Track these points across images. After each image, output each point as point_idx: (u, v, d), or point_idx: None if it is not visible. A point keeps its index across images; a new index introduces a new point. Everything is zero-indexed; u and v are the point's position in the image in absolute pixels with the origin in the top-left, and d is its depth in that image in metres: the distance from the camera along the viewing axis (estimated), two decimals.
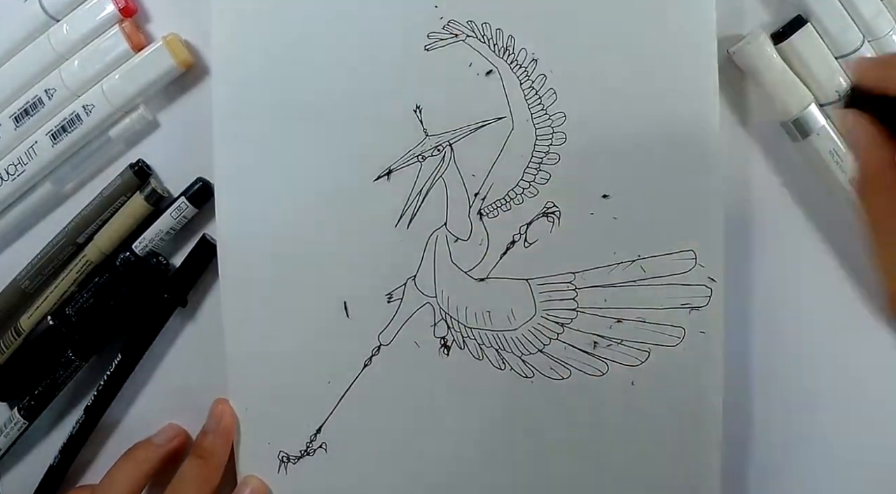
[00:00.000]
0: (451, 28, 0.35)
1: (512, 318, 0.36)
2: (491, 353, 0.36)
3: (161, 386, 0.40)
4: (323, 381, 0.37)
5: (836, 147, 0.35)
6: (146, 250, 0.38)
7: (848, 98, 0.33)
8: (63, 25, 0.37)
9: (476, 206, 0.36)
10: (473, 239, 0.36)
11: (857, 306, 0.38)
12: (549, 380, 0.36)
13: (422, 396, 0.37)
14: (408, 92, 0.35)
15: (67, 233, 0.39)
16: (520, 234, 0.35)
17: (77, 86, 0.37)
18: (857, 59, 0.32)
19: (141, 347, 0.39)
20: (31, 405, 0.40)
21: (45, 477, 0.40)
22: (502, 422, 0.36)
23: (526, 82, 0.35)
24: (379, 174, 0.36)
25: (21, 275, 0.40)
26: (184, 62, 0.37)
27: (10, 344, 0.40)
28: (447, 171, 0.36)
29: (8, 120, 0.38)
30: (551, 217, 0.35)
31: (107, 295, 0.39)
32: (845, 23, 0.34)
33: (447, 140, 0.35)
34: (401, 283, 0.36)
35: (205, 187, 0.38)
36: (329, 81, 0.36)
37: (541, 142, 0.35)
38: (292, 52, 0.36)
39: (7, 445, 0.40)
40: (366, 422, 0.37)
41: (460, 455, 0.37)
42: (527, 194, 0.35)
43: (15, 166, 0.38)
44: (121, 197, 0.39)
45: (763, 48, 0.34)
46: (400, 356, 0.36)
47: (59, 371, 0.39)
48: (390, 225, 0.36)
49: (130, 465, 0.37)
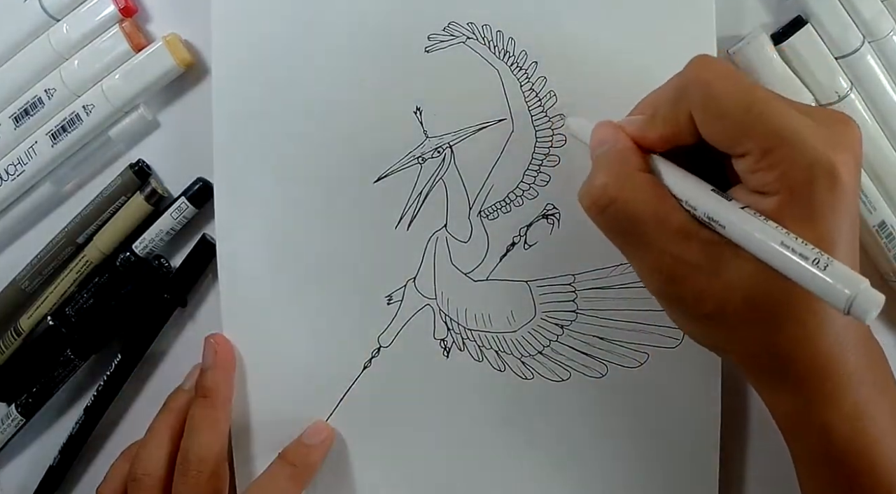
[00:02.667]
0: (451, 30, 0.35)
1: (512, 320, 0.36)
2: (490, 355, 0.36)
3: (161, 386, 0.40)
4: (322, 383, 0.37)
5: None
6: (146, 250, 0.38)
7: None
8: (63, 25, 0.37)
9: (476, 208, 0.36)
10: (473, 240, 0.36)
11: None
12: (548, 382, 0.36)
13: (421, 398, 0.37)
14: (408, 93, 0.35)
15: (67, 233, 0.39)
16: (520, 236, 0.35)
17: (77, 86, 0.37)
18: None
19: (141, 347, 0.39)
20: (29, 402, 0.40)
21: (45, 477, 0.40)
22: (502, 424, 0.36)
23: (526, 84, 0.35)
24: (379, 175, 0.36)
25: (21, 275, 0.40)
26: (184, 62, 0.37)
27: (9, 344, 0.40)
28: (447, 173, 0.36)
29: (8, 120, 0.38)
30: (551, 219, 0.35)
31: (107, 295, 0.39)
32: (845, 23, 0.34)
33: (447, 141, 0.35)
34: (401, 285, 0.36)
35: (205, 187, 0.38)
36: (329, 82, 0.36)
37: (541, 144, 0.35)
38: (292, 52, 0.36)
39: (3, 442, 0.41)
40: (365, 423, 0.37)
41: (460, 456, 0.37)
42: (527, 196, 0.35)
43: (15, 166, 0.38)
44: (121, 197, 0.39)
45: (763, 48, 0.34)
46: (400, 358, 0.37)
47: (58, 369, 0.39)
48: (390, 226, 0.36)
49: (167, 415, 0.37)
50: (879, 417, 0.27)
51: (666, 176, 0.27)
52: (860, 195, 0.26)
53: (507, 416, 0.36)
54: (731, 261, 0.25)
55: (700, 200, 0.26)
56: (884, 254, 0.36)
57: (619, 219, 0.27)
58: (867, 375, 0.27)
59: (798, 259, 0.23)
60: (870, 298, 0.21)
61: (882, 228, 0.35)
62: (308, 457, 0.36)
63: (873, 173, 0.35)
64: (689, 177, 0.27)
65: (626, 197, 0.27)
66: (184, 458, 0.35)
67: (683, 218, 0.26)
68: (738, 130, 0.25)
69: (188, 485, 0.35)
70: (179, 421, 0.37)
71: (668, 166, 0.28)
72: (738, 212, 0.25)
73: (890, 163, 0.35)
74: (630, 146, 0.28)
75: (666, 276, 0.27)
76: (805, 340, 0.26)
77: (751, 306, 0.25)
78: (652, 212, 0.26)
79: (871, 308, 0.21)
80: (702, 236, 0.26)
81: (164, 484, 0.36)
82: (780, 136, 0.24)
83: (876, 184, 0.35)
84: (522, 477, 0.37)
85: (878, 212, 0.35)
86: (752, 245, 0.24)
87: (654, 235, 0.26)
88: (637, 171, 0.27)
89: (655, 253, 0.27)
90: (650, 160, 0.28)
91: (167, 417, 0.37)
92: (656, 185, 0.27)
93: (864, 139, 0.34)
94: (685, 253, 0.26)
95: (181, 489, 0.35)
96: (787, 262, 0.23)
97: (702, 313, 0.27)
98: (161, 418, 0.37)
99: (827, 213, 0.24)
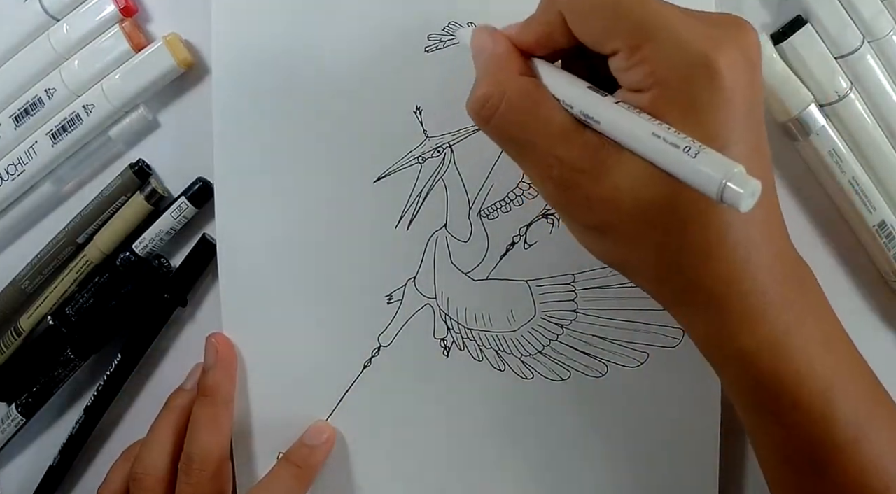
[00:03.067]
0: (451, 30, 0.35)
1: (512, 319, 0.36)
2: (490, 354, 0.36)
3: (161, 385, 0.40)
4: (323, 382, 0.37)
5: (835, 147, 0.35)
6: (146, 250, 0.38)
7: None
8: (63, 25, 0.37)
9: (476, 208, 0.36)
10: (473, 240, 0.36)
11: (856, 305, 0.38)
12: (548, 381, 0.36)
13: (421, 397, 0.37)
14: (408, 93, 0.35)
15: (67, 233, 0.39)
16: (520, 236, 0.35)
17: (77, 86, 0.37)
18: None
19: (141, 347, 0.39)
20: (29, 402, 0.40)
21: (45, 477, 0.40)
22: (502, 423, 0.36)
23: None
24: (379, 175, 0.36)
25: (21, 275, 0.40)
26: (184, 62, 0.37)
27: (10, 343, 0.40)
28: (447, 173, 0.36)
29: (8, 120, 0.38)
30: (551, 218, 0.35)
31: (107, 295, 0.39)
32: (845, 23, 0.34)
33: (447, 141, 0.35)
34: (401, 284, 0.36)
35: (205, 187, 0.38)
36: (329, 82, 0.36)
37: None
38: (292, 52, 0.36)
39: (3, 442, 0.41)
40: (365, 423, 0.37)
41: (460, 455, 0.37)
42: (527, 195, 0.35)
43: (15, 166, 0.38)
44: (121, 197, 0.39)
45: (763, 48, 0.34)
46: (400, 357, 0.37)
47: (58, 369, 0.39)
48: (390, 226, 0.36)
49: (168, 414, 0.37)
50: (807, 345, 0.25)
51: (545, 76, 0.26)
52: (754, 97, 0.24)
53: (507, 415, 0.36)
54: (616, 164, 0.24)
55: (575, 98, 0.25)
56: (884, 254, 0.36)
57: (505, 127, 0.26)
58: (793, 298, 0.25)
59: (670, 148, 0.22)
60: (743, 182, 0.20)
61: (882, 228, 0.35)
62: (311, 458, 0.36)
63: (873, 173, 0.35)
64: (566, 76, 0.26)
65: (507, 104, 0.25)
66: (187, 458, 0.35)
67: (564, 118, 0.25)
68: (606, 28, 0.24)
69: (192, 484, 0.35)
70: (181, 421, 0.37)
71: (547, 67, 0.27)
72: (611, 106, 0.24)
73: (890, 162, 0.35)
74: (508, 49, 0.27)
75: (554, 183, 0.25)
76: (707, 251, 0.24)
77: (641, 210, 0.24)
78: (532, 115, 0.25)
79: (746, 193, 0.20)
80: (585, 138, 0.25)
81: (166, 484, 0.36)
82: (646, 32, 0.23)
83: (876, 183, 0.35)
84: (522, 477, 0.37)
85: (878, 212, 0.35)
86: (626, 138, 0.23)
87: (539, 139, 0.25)
88: (516, 75, 0.26)
89: (542, 158, 0.25)
90: (530, 64, 0.27)
91: (169, 417, 0.37)
92: (537, 88, 0.26)
93: (865, 138, 0.35)
94: (567, 155, 0.25)
95: (184, 488, 0.35)
96: (659, 153, 0.22)
97: (593, 222, 0.26)
98: (162, 418, 0.37)
99: (708, 110, 0.23)
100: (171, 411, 0.37)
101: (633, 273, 0.27)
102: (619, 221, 0.25)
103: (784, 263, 0.26)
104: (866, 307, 0.38)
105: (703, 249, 0.24)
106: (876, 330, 0.38)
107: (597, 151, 0.24)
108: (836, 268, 0.37)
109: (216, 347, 0.37)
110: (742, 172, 0.20)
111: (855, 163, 0.35)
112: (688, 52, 0.23)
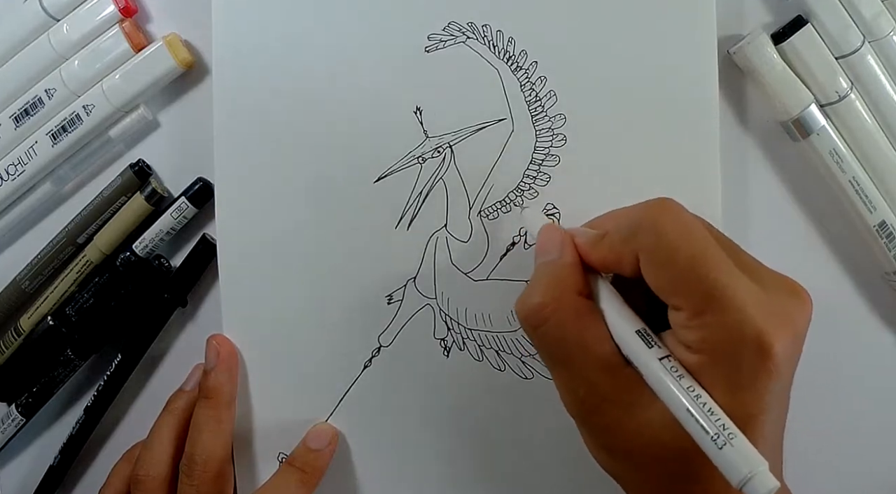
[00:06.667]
0: (451, 30, 0.35)
1: (512, 319, 0.36)
2: (491, 354, 0.36)
3: (161, 386, 0.40)
4: (322, 382, 0.37)
5: (835, 147, 0.35)
6: (146, 250, 0.38)
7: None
8: (63, 25, 0.37)
9: (476, 208, 0.36)
10: (473, 240, 0.36)
11: (856, 305, 0.38)
12: (548, 382, 0.36)
13: (421, 397, 0.37)
14: (408, 93, 0.35)
15: (67, 233, 0.39)
16: (520, 236, 0.36)
17: (77, 86, 0.37)
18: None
19: (141, 347, 0.39)
20: (29, 402, 0.40)
21: (45, 477, 0.40)
22: (502, 423, 0.36)
23: (526, 84, 0.35)
24: (379, 175, 0.36)
25: (21, 275, 0.40)
26: (184, 62, 0.37)
27: (10, 344, 0.40)
28: (447, 173, 0.36)
29: (8, 120, 0.38)
30: (551, 218, 0.35)
31: (107, 295, 0.39)
32: (845, 23, 0.34)
33: (447, 141, 0.35)
34: (401, 285, 0.36)
35: (205, 187, 0.38)
36: (329, 82, 0.36)
37: (541, 143, 0.35)
38: (293, 52, 0.36)
39: (3, 442, 0.41)
40: (365, 424, 0.37)
41: (460, 456, 0.37)
42: (527, 196, 0.35)
43: (15, 166, 0.38)
44: (121, 197, 0.39)
45: (763, 48, 0.34)
46: (400, 357, 0.37)
47: (59, 369, 0.39)
48: (390, 226, 0.36)
49: (169, 416, 0.37)
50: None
51: (603, 302, 0.27)
52: (795, 367, 0.25)
53: (507, 416, 0.36)
54: (651, 403, 0.25)
55: (623, 340, 0.26)
56: (884, 254, 0.36)
57: (548, 340, 0.27)
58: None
59: (700, 430, 0.23)
60: (764, 482, 0.21)
61: (882, 228, 0.35)
62: (316, 462, 0.36)
63: (874, 173, 0.35)
64: (623, 310, 0.26)
65: (557, 320, 0.26)
66: (189, 459, 0.35)
67: (611, 349, 0.26)
68: (676, 286, 0.25)
69: (193, 486, 0.35)
70: (181, 423, 0.37)
71: (608, 293, 0.27)
72: (656, 364, 0.24)
73: (890, 162, 0.35)
74: (572, 262, 0.28)
75: (580, 401, 0.27)
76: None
77: (660, 452, 0.25)
78: (577, 340, 0.26)
79: (764, 492, 0.21)
80: (626, 372, 0.26)
81: (167, 486, 0.36)
82: (712, 303, 0.24)
83: (876, 183, 0.35)
84: (522, 476, 0.37)
85: (878, 212, 0.35)
86: (663, 399, 0.24)
87: (576, 361, 0.26)
88: (573, 294, 0.27)
89: (574, 376, 0.27)
90: (593, 281, 0.28)
91: (169, 418, 0.37)
92: (589, 312, 0.27)
93: (865, 138, 0.35)
94: (601, 384, 0.26)
95: (186, 490, 0.35)
96: (690, 427, 0.23)
97: (606, 443, 0.27)
98: (163, 419, 0.37)
99: (748, 385, 0.24)
100: (171, 413, 0.37)
101: (628, 488, 0.28)
102: (634, 452, 0.26)
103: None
104: (866, 307, 0.38)
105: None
106: (876, 330, 0.38)
107: (634, 387, 0.25)
108: (837, 268, 0.37)
109: (217, 348, 0.37)
110: (765, 472, 0.22)
111: (855, 162, 0.35)
112: (746, 331, 0.23)
